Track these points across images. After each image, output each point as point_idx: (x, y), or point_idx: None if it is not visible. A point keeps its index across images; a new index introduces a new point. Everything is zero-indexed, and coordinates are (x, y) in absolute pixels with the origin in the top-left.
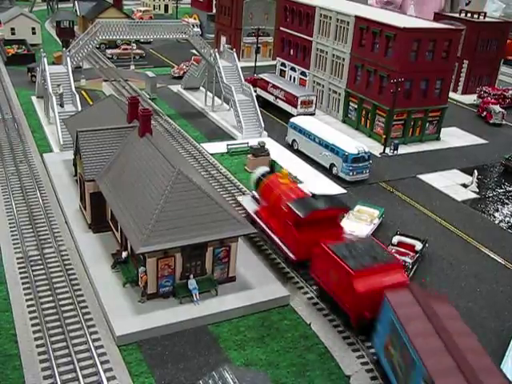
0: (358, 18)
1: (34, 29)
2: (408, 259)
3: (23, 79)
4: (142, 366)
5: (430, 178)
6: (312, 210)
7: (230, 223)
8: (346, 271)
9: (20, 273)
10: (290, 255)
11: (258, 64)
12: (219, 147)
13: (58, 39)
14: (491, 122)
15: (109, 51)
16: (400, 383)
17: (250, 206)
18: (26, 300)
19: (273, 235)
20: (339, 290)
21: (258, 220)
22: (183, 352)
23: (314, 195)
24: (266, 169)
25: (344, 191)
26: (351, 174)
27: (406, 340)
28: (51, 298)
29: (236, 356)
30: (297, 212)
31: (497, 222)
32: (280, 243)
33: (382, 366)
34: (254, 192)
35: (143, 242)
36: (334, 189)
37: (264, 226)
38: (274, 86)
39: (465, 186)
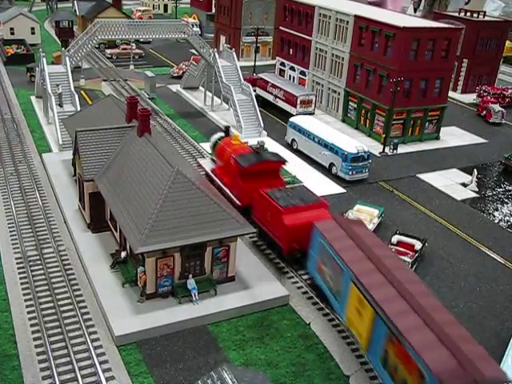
0: (357, 17)
1: (33, 29)
2: (407, 258)
3: (22, 79)
4: (141, 366)
5: (429, 178)
6: (253, 162)
7: (229, 223)
8: (278, 210)
9: (19, 273)
10: (237, 201)
11: (258, 63)
12: None
13: (57, 39)
14: (491, 121)
15: (108, 51)
16: (333, 291)
17: (208, 166)
18: (25, 300)
19: (224, 187)
20: (273, 227)
21: (214, 177)
22: (182, 352)
23: (257, 151)
24: (222, 134)
25: (343, 190)
26: (350, 173)
27: (334, 255)
28: (50, 298)
29: (235, 356)
30: (241, 164)
31: (496, 221)
32: (229, 193)
33: (318, 285)
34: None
35: (142, 242)
36: (334, 188)
37: (218, 181)
38: (274, 86)
39: (464, 185)
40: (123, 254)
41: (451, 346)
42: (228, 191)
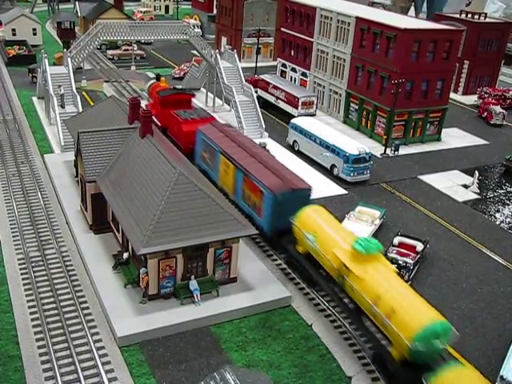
0: (358, 18)
1: (34, 30)
2: (409, 260)
3: (24, 80)
4: (144, 367)
5: (430, 179)
6: (169, 94)
7: (231, 224)
8: (179, 121)
9: (21, 274)
10: (158, 123)
11: (259, 65)
12: None
13: (58, 40)
14: (492, 122)
15: (110, 52)
16: (211, 168)
17: (143, 104)
18: (28, 301)
19: (158, 120)
20: (177, 135)
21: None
22: (184, 353)
23: (175, 88)
24: (154, 80)
25: (345, 192)
26: (352, 174)
27: (210, 142)
28: (52, 299)
29: (237, 357)
30: (160, 95)
31: (498, 222)
32: (155, 118)
33: (203, 169)
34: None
35: (144, 243)
36: (335, 189)
37: (155, 117)
38: (275, 87)
39: (466, 186)
40: (125, 255)
41: (279, 175)
42: (154, 118)
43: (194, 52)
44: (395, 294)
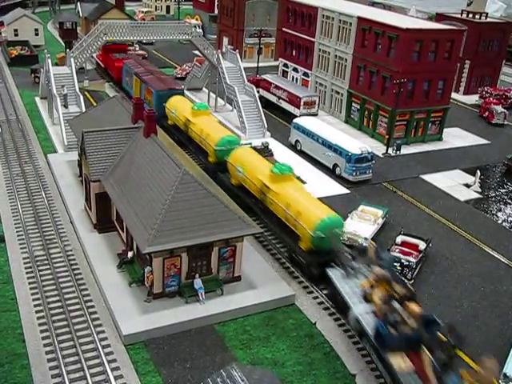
0: (360, 18)
1: (36, 30)
2: (412, 259)
3: (27, 80)
4: (149, 364)
5: (432, 178)
6: (109, 44)
7: (235, 223)
8: (112, 60)
9: (26, 273)
10: (102, 65)
11: (260, 65)
12: None
13: (60, 40)
14: (493, 122)
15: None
16: (129, 86)
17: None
18: (33, 300)
19: (101, 63)
20: (112, 70)
21: (100, 62)
22: (189, 351)
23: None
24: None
25: (347, 191)
26: (354, 174)
27: (130, 69)
28: (58, 298)
29: (242, 355)
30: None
31: (500, 221)
32: (103, 65)
33: (125, 88)
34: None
35: (149, 242)
36: (337, 189)
37: (101, 62)
38: (277, 87)
39: (467, 186)
40: (130, 254)
41: (164, 82)
42: (102, 63)
43: (196, 52)
44: (302, 200)
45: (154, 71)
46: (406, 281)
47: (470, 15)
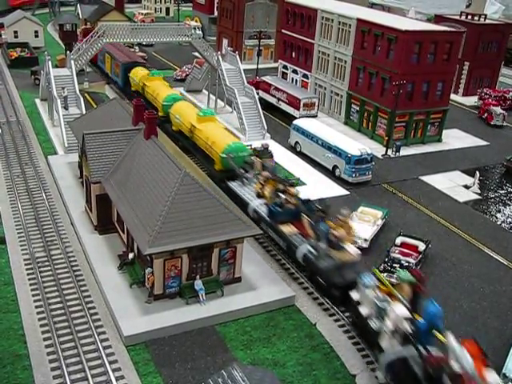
0: (359, 20)
1: (36, 32)
2: (411, 260)
3: (27, 82)
4: (150, 365)
5: (432, 180)
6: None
7: (235, 224)
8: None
9: (27, 274)
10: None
11: (259, 67)
12: None
13: (60, 42)
14: (492, 123)
15: None
16: (104, 64)
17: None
18: (34, 301)
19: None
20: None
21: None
22: (190, 352)
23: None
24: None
25: (347, 193)
26: (354, 175)
27: (104, 50)
28: (59, 299)
29: (242, 356)
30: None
31: (499, 222)
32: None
33: (100, 66)
34: None
35: (150, 243)
36: (337, 190)
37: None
38: (277, 89)
39: (467, 187)
40: (131, 255)
41: (130, 57)
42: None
43: (196, 54)
44: (217, 133)
45: (123, 49)
46: (286, 178)
47: (469, 17)
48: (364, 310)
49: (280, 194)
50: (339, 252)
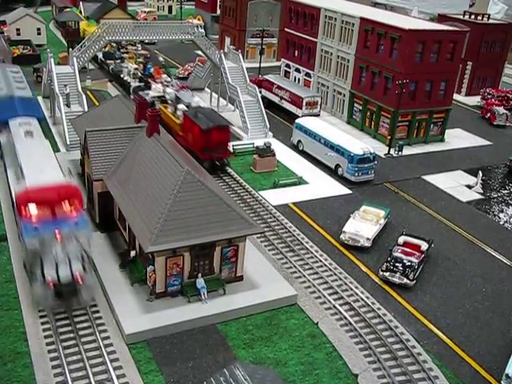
0: (363, 19)
1: (39, 29)
2: (414, 259)
3: (29, 79)
4: (151, 364)
5: (434, 179)
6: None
7: (238, 223)
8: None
9: None
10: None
11: (262, 65)
12: None
13: (62, 40)
14: (495, 123)
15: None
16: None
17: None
18: None
19: None
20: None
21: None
22: (192, 350)
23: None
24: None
25: (349, 192)
26: (356, 174)
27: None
28: None
29: (244, 354)
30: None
31: (501, 222)
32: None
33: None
34: None
35: (152, 241)
36: (340, 189)
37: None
38: (279, 87)
39: (469, 186)
40: (132, 254)
41: None
42: None
43: (198, 52)
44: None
45: None
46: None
47: (472, 16)
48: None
49: None
50: None
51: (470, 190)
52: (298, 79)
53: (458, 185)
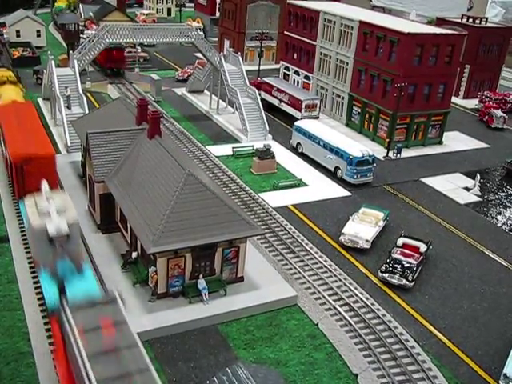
0: (361, 22)
1: (38, 31)
2: (413, 261)
3: (29, 81)
4: (153, 364)
5: (433, 182)
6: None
7: (239, 224)
8: None
9: (31, 272)
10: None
11: (261, 68)
12: (224, 150)
13: (62, 42)
14: (493, 126)
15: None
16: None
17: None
18: (38, 299)
19: None
20: None
21: None
22: (193, 350)
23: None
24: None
25: (348, 194)
26: (355, 177)
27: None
28: None
29: (245, 355)
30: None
31: (499, 224)
32: None
33: None
34: None
35: (154, 242)
36: (339, 191)
37: None
38: (279, 90)
39: (467, 189)
40: (134, 255)
41: None
42: None
43: (198, 54)
44: None
45: None
46: None
47: (470, 20)
48: None
49: None
50: None
51: (468, 192)
52: (297, 82)
53: (456, 187)
